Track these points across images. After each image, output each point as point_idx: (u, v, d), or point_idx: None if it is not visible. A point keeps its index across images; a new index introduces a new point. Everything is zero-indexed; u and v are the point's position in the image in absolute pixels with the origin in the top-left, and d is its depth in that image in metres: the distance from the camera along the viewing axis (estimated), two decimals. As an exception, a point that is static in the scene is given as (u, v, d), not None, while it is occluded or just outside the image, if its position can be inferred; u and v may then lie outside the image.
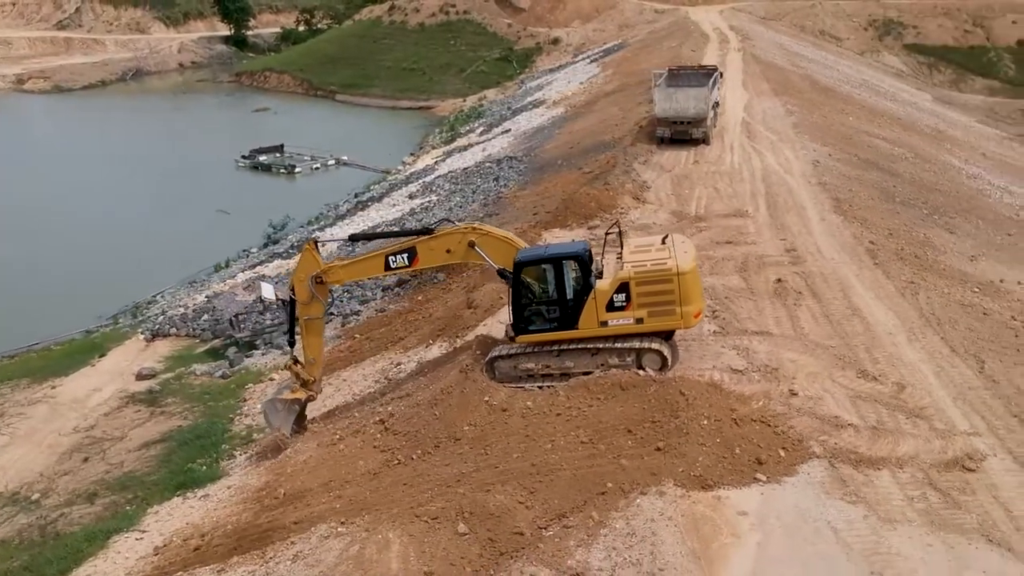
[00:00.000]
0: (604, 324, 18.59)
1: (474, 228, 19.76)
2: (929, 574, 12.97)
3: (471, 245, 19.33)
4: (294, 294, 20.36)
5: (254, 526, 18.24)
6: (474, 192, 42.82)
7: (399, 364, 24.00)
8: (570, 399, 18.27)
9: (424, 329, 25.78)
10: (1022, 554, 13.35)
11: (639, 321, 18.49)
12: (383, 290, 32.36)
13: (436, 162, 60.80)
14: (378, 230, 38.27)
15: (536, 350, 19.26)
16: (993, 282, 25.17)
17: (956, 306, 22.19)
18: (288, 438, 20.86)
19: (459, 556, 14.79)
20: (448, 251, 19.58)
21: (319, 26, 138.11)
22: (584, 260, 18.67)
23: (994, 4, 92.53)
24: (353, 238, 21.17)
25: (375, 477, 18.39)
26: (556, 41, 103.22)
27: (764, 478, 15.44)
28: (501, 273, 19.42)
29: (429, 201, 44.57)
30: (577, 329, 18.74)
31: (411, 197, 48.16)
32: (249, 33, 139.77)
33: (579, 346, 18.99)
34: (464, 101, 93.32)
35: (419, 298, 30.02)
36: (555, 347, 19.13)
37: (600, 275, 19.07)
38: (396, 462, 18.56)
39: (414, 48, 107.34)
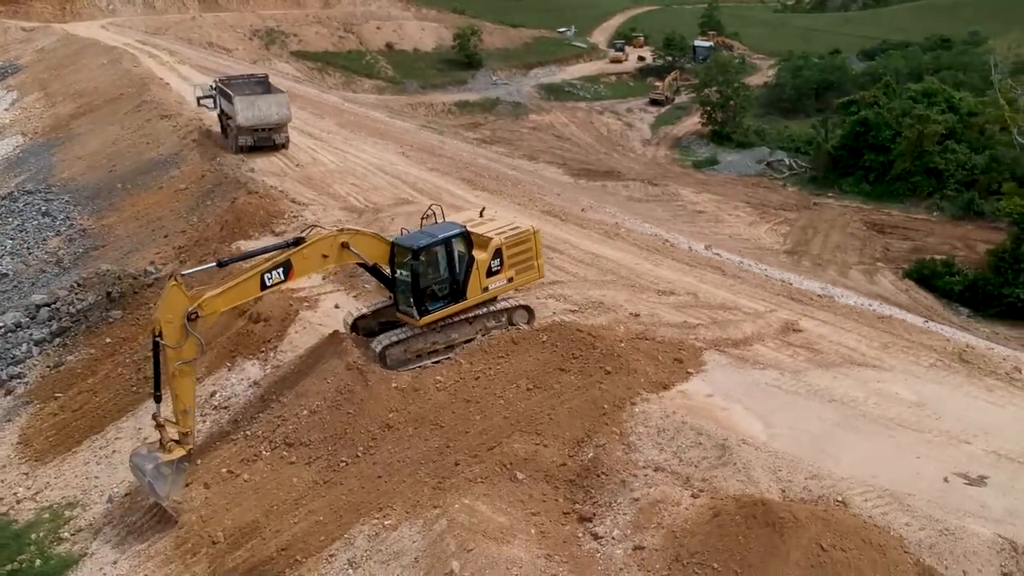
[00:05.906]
0: (485, 289, 20.84)
1: (343, 230, 19.98)
2: (856, 392, 18.45)
3: (344, 246, 19.59)
4: (161, 338, 17.69)
5: (228, 572, 16.73)
6: (24, 231, 37.47)
7: (214, 393, 22.20)
8: (474, 364, 20.11)
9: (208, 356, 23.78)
10: (880, 367, 19.68)
11: (510, 280, 21.19)
12: (37, 344, 27.88)
13: None
14: None
15: (423, 330, 20.50)
16: (616, 224, 32.19)
17: (643, 237, 28.48)
18: (180, 503, 18.41)
19: (540, 495, 16.29)
20: (324, 256, 19.50)
21: None
22: (467, 236, 20.49)
23: (356, 12, 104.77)
24: (221, 264, 19.48)
25: (328, 484, 18.03)
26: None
27: (692, 371, 19.56)
28: (374, 268, 20.17)
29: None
30: (467, 299, 20.57)
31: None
32: None
33: (458, 318, 20.80)
34: None
35: (106, 340, 26.83)
36: (439, 324, 20.61)
37: None
38: (342, 463, 18.38)
39: None
